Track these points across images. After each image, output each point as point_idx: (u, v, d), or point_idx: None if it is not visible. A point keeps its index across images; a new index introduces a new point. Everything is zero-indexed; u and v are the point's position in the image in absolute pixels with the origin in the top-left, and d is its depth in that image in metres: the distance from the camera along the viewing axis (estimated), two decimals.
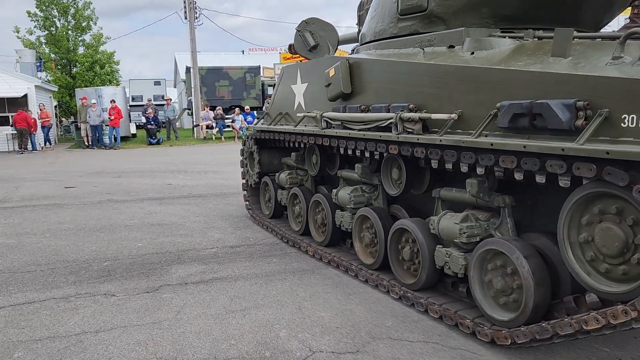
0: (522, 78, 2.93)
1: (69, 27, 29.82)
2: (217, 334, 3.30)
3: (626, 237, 2.44)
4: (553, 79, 2.76)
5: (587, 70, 2.66)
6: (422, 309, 3.56)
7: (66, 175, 11.60)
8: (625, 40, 2.58)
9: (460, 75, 3.34)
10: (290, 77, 5.62)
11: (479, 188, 3.28)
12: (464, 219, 3.34)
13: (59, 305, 3.85)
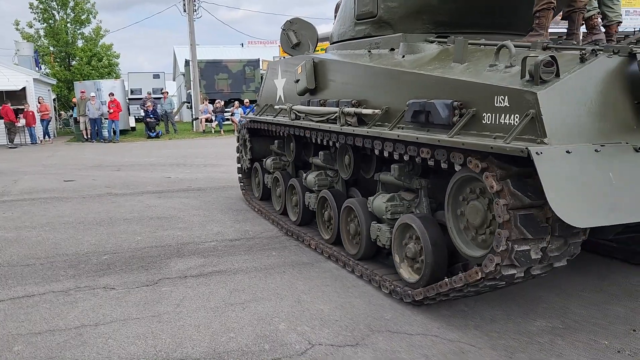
0: (425, 80, 3.48)
1: (68, 20, 29.69)
2: (216, 327, 3.30)
3: (485, 213, 2.97)
4: (441, 82, 3.32)
5: (467, 76, 3.18)
6: (359, 274, 4.13)
7: (65, 169, 11.58)
8: (499, 50, 3.08)
9: (387, 76, 3.92)
10: (273, 72, 6.28)
11: (400, 172, 3.87)
12: (390, 198, 3.91)
13: (59, 298, 3.85)
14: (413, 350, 2.95)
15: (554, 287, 3.84)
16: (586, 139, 2.65)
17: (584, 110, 2.72)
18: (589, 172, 2.55)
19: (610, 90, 2.78)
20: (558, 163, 2.51)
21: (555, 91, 2.67)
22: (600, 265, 4.31)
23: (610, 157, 2.61)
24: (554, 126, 2.62)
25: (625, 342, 3.01)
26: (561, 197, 2.47)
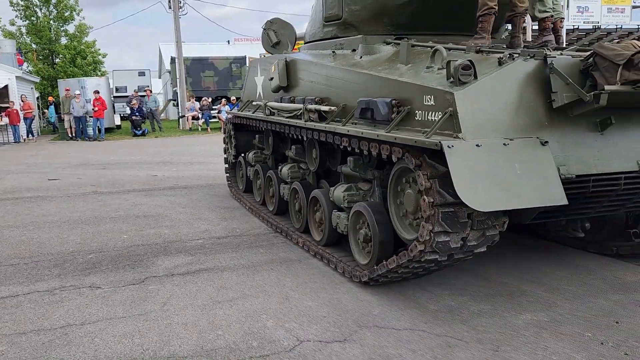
0: (372, 80, 3.80)
1: (51, 17, 29.29)
2: (204, 324, 3.29)
3: (417, 201, 3.24)
4: (384, 82, 3.62)
5: (405, 76, 3.49)
6: (320, 257, 4.46)
7: (49, 167, 11.45)
8: (434, 53, 3.38)
9: (344, 75, 4.21)
10: (253, 70, 6.70)
11: (355, 164, 4.17)
12: (347, 188, 4.20)
13: (43, 298, 3.81)
14: (400, 345, 2.97)
15: (539, 282, 3.89)
16: (498, 134, 2.96)
17: (499, 108, 3.02)
18: (496, 163, 2.85)
19: (525, 90, 3.08)
20: (468, 155, 2.82)
21: (471, 91, 2.98)
22: (585, 259, 4.37)
23: (518, 150, 2.90)
24: (469, 123, 2.93)
25: (609, 334, 3.06)
26: (467, 184, 2.77)
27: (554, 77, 3.05)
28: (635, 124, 3.26)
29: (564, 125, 3.13)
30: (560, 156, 3.04)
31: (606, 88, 2.90)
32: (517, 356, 2.83)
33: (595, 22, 35.40)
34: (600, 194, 3.27)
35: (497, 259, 4.40)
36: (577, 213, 3.51)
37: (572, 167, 3.04)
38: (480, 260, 4.38)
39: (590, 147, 3.14)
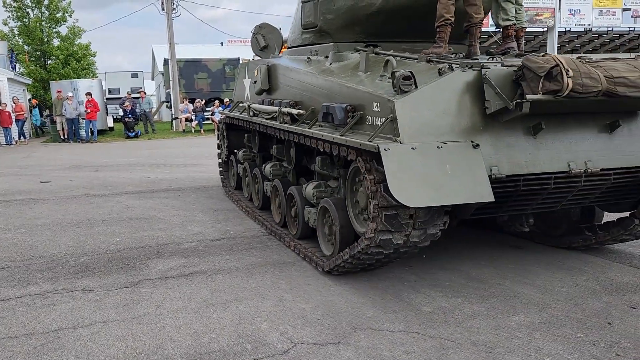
0: (334, 86, 4.10)
1: (43, 19, 29.12)
2: (197, 327, 3.28)
3: (367, 199, 3.48)
4: (343, 88, 3.92)
5: (361, 84, 3.78)
6: (292, 248, 4.77)
7: (42, 170, 11.38)
8: (386, 63, 3.65)
9: (312, 81, 4.51)
10: (242, 72, 7.03)
11: (322, 163, 4.47)
12: (317, 186, 4.50)
13: (35, 301, 3.78)
14: (395, 347, 2.97)
15: (532, 283, 3.91)
16: (434, 138, 3.23)
17: (437, 114, 3.29)
18: (429, 164, 3.12)
19: (462, 98, 3.36)
20: (403, 157, 3.10)
21: (411, 99, 3.25)
22: (577, 261, 4.39)
23: (450, 152, 3.18)
24: (407, 128, 3.21)
25: (601, 335, 3.08)
26: (400, 183, 3.04)
27: (486, 86, 3.32)
28: (566, 129, 3.56)
29: (499, 130, 3.40)
30: (493, 158, 3.33)
31: (528, 97, 3.19)
32: (510, 358, 2.84)
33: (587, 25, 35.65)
34: (532, 192, 3.57)
35: (491, 261, 4.42)
36: (514, 209, 3.81)
37: (503, 168, 3.33)
38: (473, 262, 4.40)
39: (523, 150, 3.43)
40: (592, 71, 3.26)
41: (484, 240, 5.02)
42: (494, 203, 3.27)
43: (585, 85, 3.19)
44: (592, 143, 3.61)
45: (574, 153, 3.54)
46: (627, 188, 3.86)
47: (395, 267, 4.30)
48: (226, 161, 7.91)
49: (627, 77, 3.32)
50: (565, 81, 3.14)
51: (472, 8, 4.28)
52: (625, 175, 3.69)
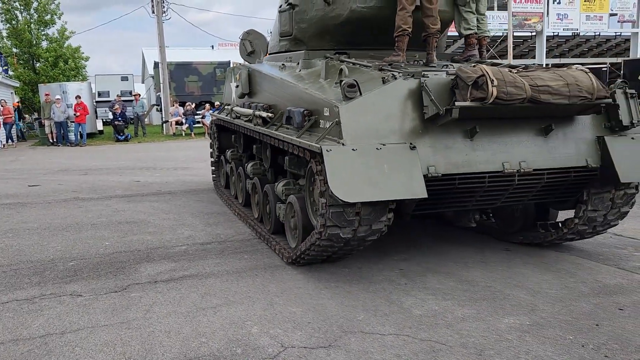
0: (296, 92, 4.45)
1: (32, 21, 28.90)
2: (187, 332, 3.26)
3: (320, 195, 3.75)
4: (303, 94, 4.27)
5: (317, 90, 4.08)
6: (264, 241, 5.13)
7: (29, 174, 11.27)
8: (340, 72, 3.95)
9: (282, 86, 4.86)
10: (230, 76, 7.33)
11: (289, 162, 4.69)
12: (286, 183, 4.78)
13: (22, 307, 3.74)
14: (385, 351, 2.97)
15: (522, 285, 3.93)
16: (375, 141, 3.52)
17: (379, 119, 3.59)
18: (367, 164, 3.42)
19: (404, 104, 3.65)
20: (343, 157, 3.41)
21: (354, 105, 3.55)
22: (566, 263, 4.42)
23: (388, 153, 3.47)
24: (351, 131, 3.51)
25: (589, 336, 3.10)
26: (339, 180, 3.36)
27: (424, 94, 3.63)
28: (503, 132, 3.85)
29: (437, 133, 3.69)
30: (431, 158, 3.64)
31: (457, 104, 3.51)
32: None
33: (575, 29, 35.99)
34: (468, 190, 3.89)
35: (481, 264, 4.44)
36: (454, 205, 4.18)
37: (440, 167, 3.63)
38: (463, 265, 4.42)
39: (459, 151, 3.72)
40: (518, 80, 3.55)
41: (474, 244, 5.04)
42: (435, 199, 3.69)
43: (510, 93, 3.49)
44: (527, 145, 3.90)
45: (509, 154, 3.83)
46: (563, 187, 4.17)
47: (385, 270, 4.31)
48: (217, 161, 8.21)
49: (550, 86, 3.61)
50: (490, 90, 3.42)
51: (429, 19, 4.58)
52: (558, 175, 3.99)
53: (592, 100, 3.73)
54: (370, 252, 4.78)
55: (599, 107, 3.89)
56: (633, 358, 2.85)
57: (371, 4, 4.74)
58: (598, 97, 3.75)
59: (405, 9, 4.50)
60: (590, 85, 3.71)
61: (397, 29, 4.54)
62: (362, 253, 4.74)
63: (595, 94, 3.72)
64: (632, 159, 3.97)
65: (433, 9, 4.57)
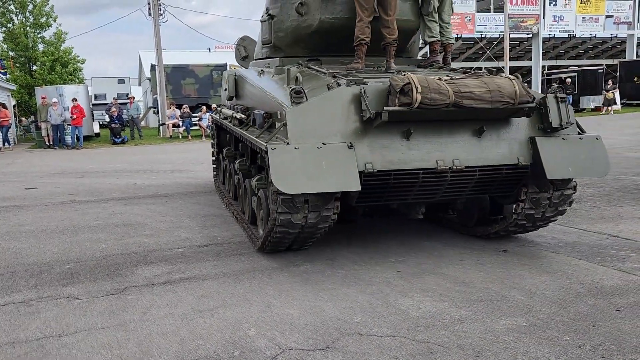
0: (263, 96, 4.98)
1: (28, 24, 28.86)
2: (184, 334, 3.25)
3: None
4: (266, 97, 4.79)
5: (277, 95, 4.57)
6: (244, 230, 5.57)
7: (26, 176, 11.24)
8: (296, 79, 4.40)
9: (255, 91, 5.41)
10: (224, 79, 7.55)
11: (261, 159, 4.81)
12: (259, 178, 5.03)
13: (19, 309, 3.73)
14: (383, 352, 2.97)
15: (519, 287, 3.93)
16: (317, 140, 3.93)
17: (322, 121, 4.00)
18: (308, 160, 3.84)
19: (346, 108, 4.06)
20: (286, 155, 3.83)
21: (299, 109, 4.00)
22: (563, 264, 4.43)
23: (327, 151, 3.89)
24: (295, 132, 3.94)
25: (587, 337, 3.10)
26: (281, 175, 3.80)
27: (362, 99, 4.02)
28: (439, 133, 4.23)
29: (376, 134, 4.09)
30: (368, 156, 4.02)
31: (385, 108, 3.92)
32: None
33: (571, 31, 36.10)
34: (405, 185, 4.27)
35: (478, 265, 4.44)
36: (394, 198, 4.53)
37: (376, 164, 4.02)
38: (461, 266, 4.42)
39: (396, 150, 4.11)
40: (443, 87, 3.93)
41: (471, 246, 5.05)
42: (374, 192, 4.23)
43: (433, 99, 3.88)
44: (461, 145, 4.26)
45: (443, 153, 4.20)
46: (497, 183, 4.52)
47: (382, 271, 4.31)
48: (217, 158, 8.61)
49: (473, 92, 3.98)
50: (415, 96, 3.83)
51: (386, 30, 4.97)
52: (489, 172, 4.35)
53: (515, 105, 4.08)
54: (367, 255, 4.79)
55: (523, 111, 4.19)
56: (630, 359, 2.86)
57: (338, 15, 5.20)
58: (520, 102, 4.09)
59: (362, 21, 4.91)
60: (513, 92, 4.05)
61: (356, 38, 4.95)
62: (359, 255, 4.75)
63: (518, 99, 4.07)
64: (560, 158, 4.30)
65: (390, 20, 4.95)
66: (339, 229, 5.71)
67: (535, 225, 4.91)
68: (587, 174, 4.58)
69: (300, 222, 4.13)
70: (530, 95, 4.16)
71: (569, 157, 4.32)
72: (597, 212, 6.20)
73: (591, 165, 4.38)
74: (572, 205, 4.83)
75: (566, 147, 4.35)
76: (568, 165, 4.30)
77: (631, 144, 12.69)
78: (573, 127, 4.47)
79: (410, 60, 5.72)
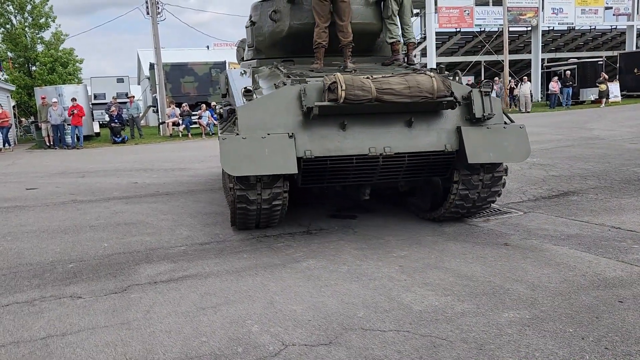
0: (234, 93, 5.53)
1: (26, 24, 28.82)
2: (188, 331, 3.26)
3: None
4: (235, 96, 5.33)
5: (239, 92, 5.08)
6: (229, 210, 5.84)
7: (27, 177, 11.25)
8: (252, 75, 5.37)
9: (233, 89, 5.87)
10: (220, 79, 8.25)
11: None
12: None
13: (23, 309, 3.73)
14: (386, 347, 2.98)
15: (521, 280, 3.94)
16: (263, 132, 4.56)
17: (268, 116, 4.61)
18: (252, 148, 4.49)
19: (290, 104, 4.64)
20: (234, 144, 4.49)
21: (248, 106, 4.66)
22: (565, 257, 4.43)
23: (270, 140, 4.53)
24: (244, 125, 4.60)
25: (590, 329, 3.10)
26: (229, 160, 4.48)
27: (301, 95, 4.60)
28: (373, 125, 4.76)
29: (316, 126, 4.66)
30: (308, 145, 4.61)
31: (316, 104, 4.49)
32: (501, 354, 2.85)
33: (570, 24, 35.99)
34: (341, 169, 4.84)
35: (480, 259, 4.44)
36: (334, 180, 5.09)
37: (315, 152, 4.61)
38: (463, 260, 4.43)
39: (333, 139, 4.67)
40: (366, 84, 4.45)
41: (473, 239, 5.05)
42: (315, 175, 4.90)
43: (357, 95, 4.43)
44: (393, 135, 4.77)
45: (375, 141, 4.72)
46: (428, 167, 5.05)
47: (385, 266, 4.31)
48: None
49: (393, 88, 4.50)
50: (339, 93, 4.39)
51: (341, 34, 5.56)
52: (418, 158, 4.89)
53: (434, 99, 4.58)
54: (369, 250, 4.79)
55: (442, 104, 4.68)
56: (633, 350, 2.86)
57: (305, 21, 5.79)
58: (439, 96, 4.57)
59: (319, 26, 5.50)
60: (431, 87, 4.53)
61: (314, 42, 5.55)
62: (361, 251, 4.76)
63: (436, 93, 4.55)
64: (482, 144, 4.82)
65: (344, 25, 5.53)
66: (340, 225, 5.71)
67: (475, 206, 5.43)
68: (508, 159, 4.98)
69: (257, 199, 4.80)
70: (449, 90, 4.61)
71: (490, 144, 4.82)
72: (599, 204, 6.19)
73: (513, 150, 4.88)
74: (505, 187, 5.46)
75: (489, 135, 4.85)
76: (489, 151, 4.81)
77: (632, 136, 12.67)
78: (499, 117, 4.96)
79: (377, 59, 6.27)
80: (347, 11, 5.54)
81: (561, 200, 6.51)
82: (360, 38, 5.80)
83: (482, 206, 5.51)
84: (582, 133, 14.09)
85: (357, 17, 5.86)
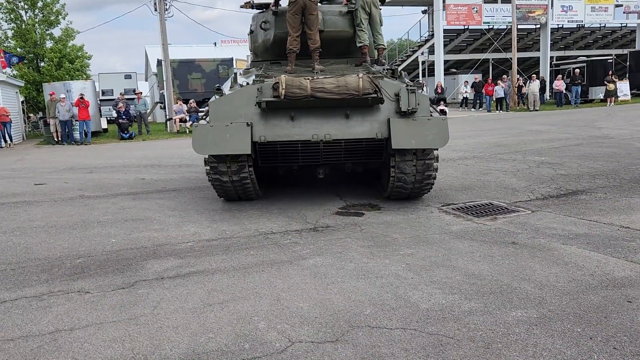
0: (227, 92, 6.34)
1: (37, 21, 28.97)
2: (195, 327, 3.27)
3: None
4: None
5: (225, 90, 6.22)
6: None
7: (35, 172, 11.32)
8: (235, 77, 6.35)
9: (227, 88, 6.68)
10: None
11: None
12: None
13: (31, 304, 3.76)
14: (393, 345, 2.97)
15: (529, 279, 3.92)
16: (227, 121, 5.75)
17: (233, 109, 5.82)
18: (216, 133, 5.73)
19: (251, 99, 5.81)
20: (203, 130, 5.79)
21: (218, 101, 5.88)
22: (574, 256, 4.40)
23: (232, 128, 5.73)
24: (214, 116, 5.83)
25: (598, 329, 3.08)
26: (197, 142, 5.77)
27: (257, 92, 5.75)
28: (317, 116, 5.84)
29: (270, 117, 5.82)
30: (262, 132, 5.79)
31: (263, 99, 5.64)
32: (508, 353, 2.84)
33: (579, 21, 35.67)
34: (290, 152, 6.04)
35: (487, 257, 4.42)
36: (287, 161, 6.30)
37: (268, 137, 5.79)
38: (470, 258, 4.41)
39: (283, 128, 5.82)
40: (303, 84, 5.53)
41: (480, 238, 5.03)
42: (270, 157, 6.17)
43: (295, 93, 5.54)
44: (333, 124, 5.82)
45: (318, 130, 5.81)
46: (364, 151, 6.11)
47: (392, 264, 4.31)
48: None
49: (325, 87, 5.56)
50: (280, 91, 5.54)
51: (310, 41, 6.66)
52: (352, 143, 5.95)
53: (360, 96, 5.56)
54: (375, 248, 4.78)
55: (367, 100, 5.62)
56: None
57: (286, 30, 6.75)
58: (364, 94, 5.56)
59: (291, 35, 6.64)
60: (357, 86, 5.53)
61: (287, 49, 6.67)
62: (368, 248, 4.75)
63: (361, 91, 5.53)
64: (405, 133, 5.69)
65: (312, 33, 6.64)
66: (347, 222, 5.71)
67: (415, 187, 6.29)
68: (429, 145, 5.79)
69: (227, 171, 6.08)
70: (374, 89, 5.58)
71: (414, 133, 5.70)
72: (608, 204, 6.15)
73: (433, 138, 5.73)
74: (437, 172, 6.34)
75: (413, 126, 5.74)
76: (412, 139, 5.69)
77: None
78: (425, 111, 5.81)
79: (352, 61, 7.28)
80: (315, 22, 6.66)
81: (570, 199, 6.47)
82: (336, 43, 7.10)
83: (422, 187, 6.37)
84: (591, 132, 13.99)
85: (331, 25, 6.99)
